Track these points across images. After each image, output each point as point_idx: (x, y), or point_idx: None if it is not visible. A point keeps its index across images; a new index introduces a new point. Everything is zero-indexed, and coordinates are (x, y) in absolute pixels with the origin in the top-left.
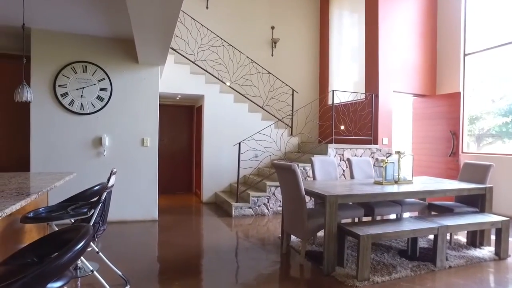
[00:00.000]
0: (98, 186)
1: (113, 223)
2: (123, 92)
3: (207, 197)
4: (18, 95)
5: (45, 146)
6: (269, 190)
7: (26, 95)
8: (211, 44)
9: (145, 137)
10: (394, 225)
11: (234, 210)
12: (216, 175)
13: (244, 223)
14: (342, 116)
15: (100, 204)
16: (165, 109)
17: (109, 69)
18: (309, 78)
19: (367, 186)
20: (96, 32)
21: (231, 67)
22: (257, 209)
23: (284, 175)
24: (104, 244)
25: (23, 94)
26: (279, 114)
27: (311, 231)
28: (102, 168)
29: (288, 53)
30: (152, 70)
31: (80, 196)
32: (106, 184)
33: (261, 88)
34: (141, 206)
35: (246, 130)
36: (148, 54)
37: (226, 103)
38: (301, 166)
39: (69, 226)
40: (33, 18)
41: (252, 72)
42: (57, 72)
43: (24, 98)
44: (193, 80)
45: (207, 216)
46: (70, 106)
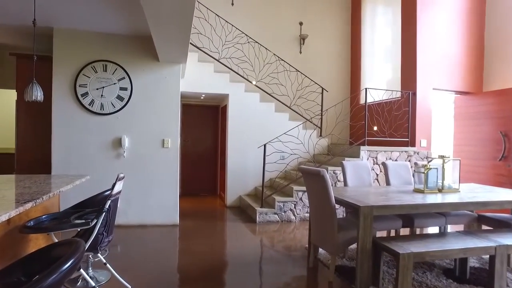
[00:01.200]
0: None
1: (132, 227)
2: (143, 91)
3: (231, 201)
4: (27, 94)
5: (65, 147)
6: (296, 195)
7: (35, 94)
8: (236, 41)
9: (166, 138)
10: (439, 241)
11: (258, 215)
12: (240, 178)
13: (268, 230)
14: (375, 116)
15: (103, 213)
16: (190, 109)
17: (129, 67)
18: (340, 76)
19: (406, 194)
20: (116, 30)
21: (256, 65)
22: (283, 215)
23: (311, 181)
24: (120, 250)
25: (33, 93)
26: (308, 114)
27: (342, 245)
28: (122, 170)
29: (317, 50)
30: (173, 68)
31: (90, 201)
32: (111, 191)
33: (288, 86)
34: (161, 210)
35: (272, 131)
36: (168, 51)
37: (252, 102)
38: (330, 170)
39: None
40: (55, 17)
41: (279, 70)
42: (78, 71)
43: (34, 97)
44: (217, 79)
45: (230, 221)
46: (90, 106)
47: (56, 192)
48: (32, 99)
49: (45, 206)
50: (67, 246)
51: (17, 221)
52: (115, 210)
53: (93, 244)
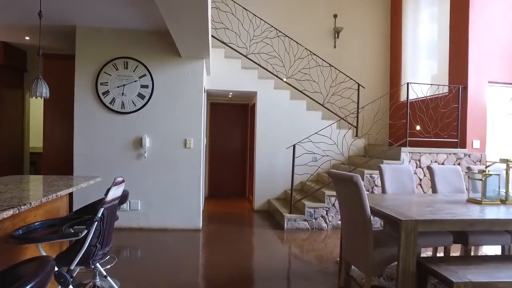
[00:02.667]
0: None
1: (153, 231)
2: (165, 89)
3: (259, 204)
4: (32, 91)
5: (87, 147)
6: (328, 201)
7: (41, 90)
8: (265, 36)
9: (188, 138)
10: (506, 267)
11: (286, 222)
12: (269, 181)
13: (297, 238)
14: (418, 114)
15: (95, 223)
16: (218, 108)
17: (151, 64)
18: (378, 71)
19: (458, 206)
20: (137, 26)
21: (287, 61)
22: (313, 222)
23: (343, 187)
24: (135, 256)
25: (37, 90)
26: (342, 112)
27: (378, 265)
28: (142, 171)
29: (353, 43)
30: (196, 64)
31: (93, 206)
32: (104, 198)
33: (321, 83)
34: (183, 214)
35: (304, 131)
36: (187, 45)
37: (282, 100)
38: (367, 173)
39: (34, 257)
40: (77, 15)
41: (311, 66)
42: (99, 69)
43: (38, 93)
44: (245, 75)
45: (256, 227)
46: (111, 104)
47: (51, 197)
48: (37, 96)
49: (49, 210)
50: (33, 264)
51: (10, 228)
52: (112, 219)
53: (85, 257)
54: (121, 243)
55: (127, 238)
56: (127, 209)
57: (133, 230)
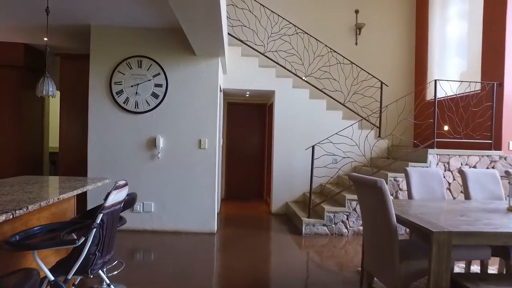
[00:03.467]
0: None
1: (166, 233)
2: (179, 88)
3: (276, 207)
4: (38, 89)
5: (101, 148)
6: (349, 205)
7: (47, 89)
8: (283, 33)
9: (203, 139)
10: None
11: (304, 227)
12: (287, 183)
13: (316, 244)
14: (447, 113)
15: (93, 230)
16: (235, 108)
17: (165, 62)
18: (402, 69)
19: (498, 215)
20: (151, 24)
21: (306, 58)
22: (333, 227)
23: (365, 193)
24: (146, 260)
25: (43, 88)
26: (364, 111)
27: (405, 279)
28: (156, 172)
29: (376, 40)
30: (211, 62)
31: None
32: (104, 202)
33: (342, 81)
34: (197, 216)
35: (323, 131)
36: (202, 42)
37: (300, 99)
38: (391, 176)
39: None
40: (92, 14)
41: (332, 63)
42: (113, 68)
43: (45, 92)
44: (262, 74)
45: (273, 231)
46: (125, 104)
47: (50, 200)
48: (43, 94)
49: (54, 213)
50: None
51: (9, 232)
52: (113, 225)
53: (83, 265)
54: (133, 245)
55: (139, 241)
56: (140, 211)
57: (146, 232)
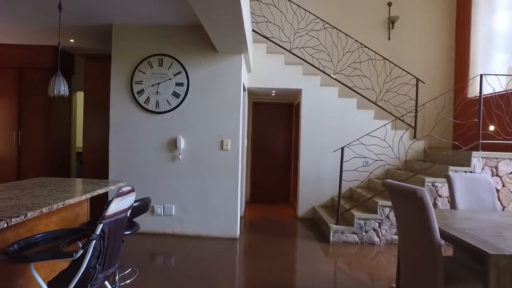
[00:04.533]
0: (138, 202)
1: (187, 238)
2: (201, 86)
3: (303, 212)
4: (50, 88)
5: (122, 149)
6: (382, 212)
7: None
8: (310, 28)
9: (225, 139)
10: None
11: (332, 234)
12: (314, 186)
13: (345, 253)
14: (495, 111)
15: (92, 242)
16: (260, 108)
17: (186, 60)
18: (440, 64)
19: None
20: (172, 21)
21: (335, 55)
22: (363, 235)
23: (402, 202)
24: (164, 266)
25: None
26: (398, 111)
27: None
28: (177, 174)
29: (411, 34)
30: (233, 59)
31: None
32: (105, 211)
33: (373, 78)
34: (219, 220)
35: (353, 132)
36: (223, 38)
37: (329, 98)
38: (428, 181)
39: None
40: (114, 13)
41: (362, 59)
42: (134, 68)
43: (56, 91)
44: (288, 71)
45: (299, 237)
46: (145, 104)
47: (56, 205)
48: (55, 93)
49: (64, 217)
50: None
51: (11, 239)
52: (117, 235)
53: (82, 280)
54: (151, 249)
55: (158, 245)
56: (161, 214)
57: (167, 236)
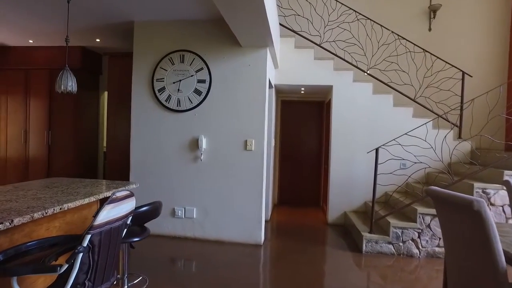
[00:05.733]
0: (147, 206)
1: (208, 242)
2: (223, 83)
3: (333, 217)
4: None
5: (143, 148)
6: (422, 220)
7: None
8: (342, 20)
9: (249, 139)
10: None
11: (365, 243)
12: (346, 190)
13: (379, 265)
14: None
15: (79, 255)
16: (289, 106)
17: (208, 56)
18: (490, 56)
19: None
20: (193, 16)
21: (369, 48)
22: (400, 246)
23: (451, 214)
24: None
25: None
26: (440, 108)
27: None
28: (198, 175)
29: (455, 23)
30: (258, 53)
31: None
32: (93, 220)
33: (412, 73)
34: (242, 225)
35: (389, 131)
36: (244, 29)
37: (362, 94)
38: (478, 187)
39: None
40: (135, 9)
41: (399, 52)
42: (155, 65)
43: (63, 87)
44: (318, 67)
45: (329, 246)
46: (167, 102)
47: (49, 211)
48: (62, 90)
49: (69, 221)
50: None
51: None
52: (111, 247)
53: None
54: (169, 254)
55: (177, 249)
56: (182, 217)
57: (187, 239)
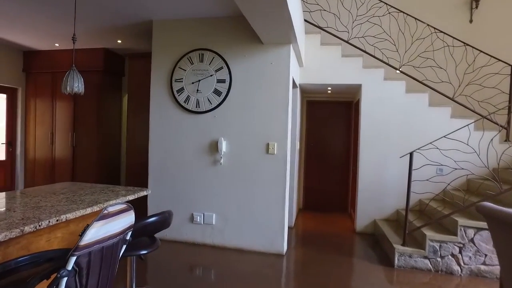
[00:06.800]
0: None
1: (228, 250)
2: (244, 83)
3: (362, 225)
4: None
5: (162, 151)
6: (463, 234)
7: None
8: (372, 14)
9: (271, 142)
10: None
11: (397, 257)
12: (376, 196)
13: (413, 282)
14: None
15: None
16: (315, 107)
17: (228, 54)
18: None
19: None
20: (213, 13)
21: (401, 43)
22: (438, 262)
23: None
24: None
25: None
26: (483, 107)
27: None
28: (218, 180)
29: (502, 14)
30: (280, 50)
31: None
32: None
33: (451, 69)
34: (263, 234)
35: (425, 134)
36: (264, 25)
37: (394, 93)
38: None
39: None
40: (153, 8)
41: (436, 47)
42: (174, 65)
43: (69, 88)
44: (346, 65)
45: (357, 258)
46: (185, 103)
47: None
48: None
49: (74, 232)
50: None
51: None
52: (104, 267)
53: None
54: (184, 262)
55: (193, 257)
56: (200, 222)
57: (206, 247)
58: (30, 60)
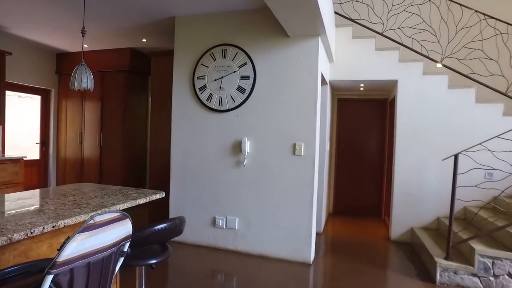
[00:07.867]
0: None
1: (250, 257)
2: (269, 79)
3: (397, 233)
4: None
5: (183, 151)
6: None
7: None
8: (409, 3)
9: (298, 143)
10: None
11: (440, 272)
12: (413, 201)
13: None
14: None
15: None
16: (347, 105)
17: (252, 49)
18: None
19: None
20: (236, 6)
21: (444, 33)
22: (490, 281)
23: None
24: None
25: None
26: None
27: None
28: (241, 182)
29: None
30: (308, 44)
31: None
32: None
33: (503, 61)
34: (289, 240)
35: (472, 133)
36: (291, 16)
37: (435, 89)
38: None
39: None
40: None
41: (485, 36)
42: (196, 62)
43: (77, 84)
44: (380, 59)
45: (393, 270)
46: (208, 101)
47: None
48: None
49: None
50: None
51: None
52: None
53: None
54: (202, 269)
55: (217, 263)
56: (223, 227)
57: (228, 252)
58: (62, 62)
